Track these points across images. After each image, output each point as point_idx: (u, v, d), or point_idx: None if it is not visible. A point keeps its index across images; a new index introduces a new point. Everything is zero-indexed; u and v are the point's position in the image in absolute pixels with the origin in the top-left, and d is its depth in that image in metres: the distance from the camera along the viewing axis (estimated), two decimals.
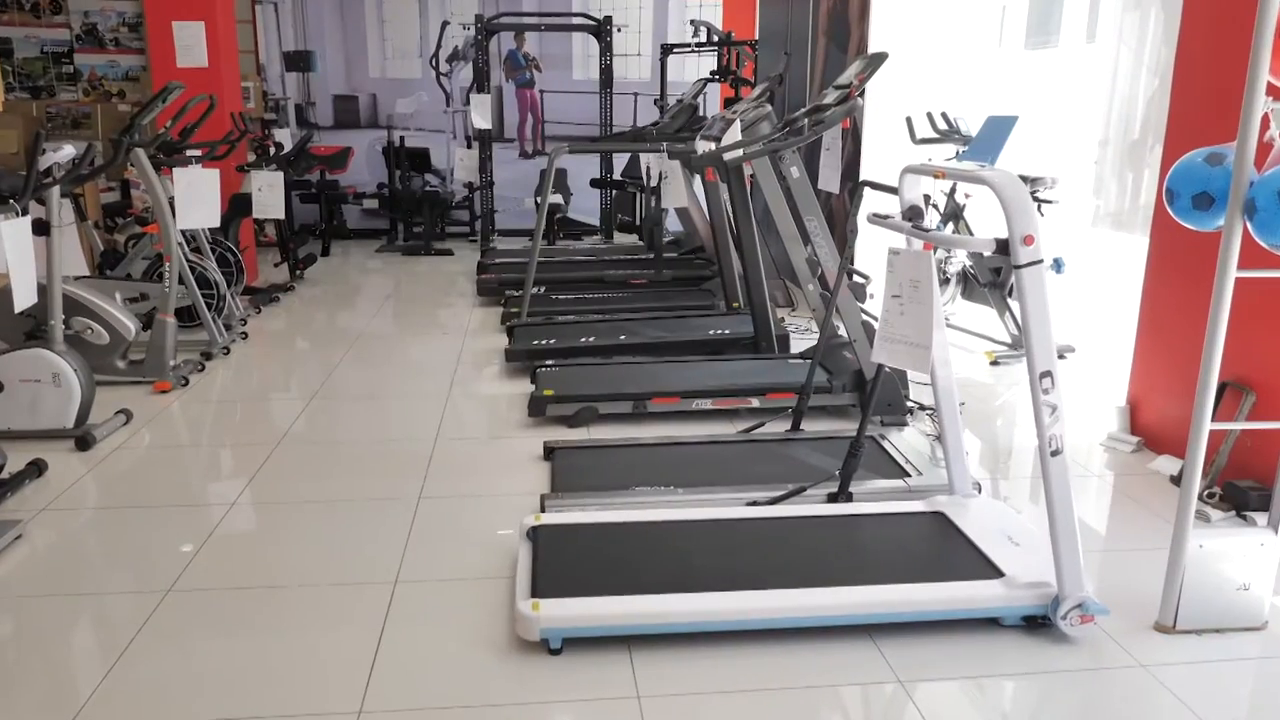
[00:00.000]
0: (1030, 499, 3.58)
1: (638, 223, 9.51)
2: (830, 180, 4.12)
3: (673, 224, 8.43)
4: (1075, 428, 4.19)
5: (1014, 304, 5.49)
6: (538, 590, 2.51)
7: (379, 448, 3.93)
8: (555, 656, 2.42)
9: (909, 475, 3.44)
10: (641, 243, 9.31)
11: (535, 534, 2.85)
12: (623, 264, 7.29)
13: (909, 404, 4.26)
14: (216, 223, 5.12)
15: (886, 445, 3.75)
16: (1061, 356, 5.38)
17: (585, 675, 2.36)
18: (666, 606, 2.45)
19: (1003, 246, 2.25)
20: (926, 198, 5.32)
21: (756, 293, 4.88)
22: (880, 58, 3.93)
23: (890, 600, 2.50)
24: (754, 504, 3.22)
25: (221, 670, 2.38)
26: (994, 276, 5.49)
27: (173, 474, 3.67)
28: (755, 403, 4.24)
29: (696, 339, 5.11)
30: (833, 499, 3.26)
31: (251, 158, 7.27)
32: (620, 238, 9.78)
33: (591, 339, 5.08)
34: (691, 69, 10.07)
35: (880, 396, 4.19)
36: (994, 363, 5.28)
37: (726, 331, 5.15)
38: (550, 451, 3.75)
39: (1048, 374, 2.30)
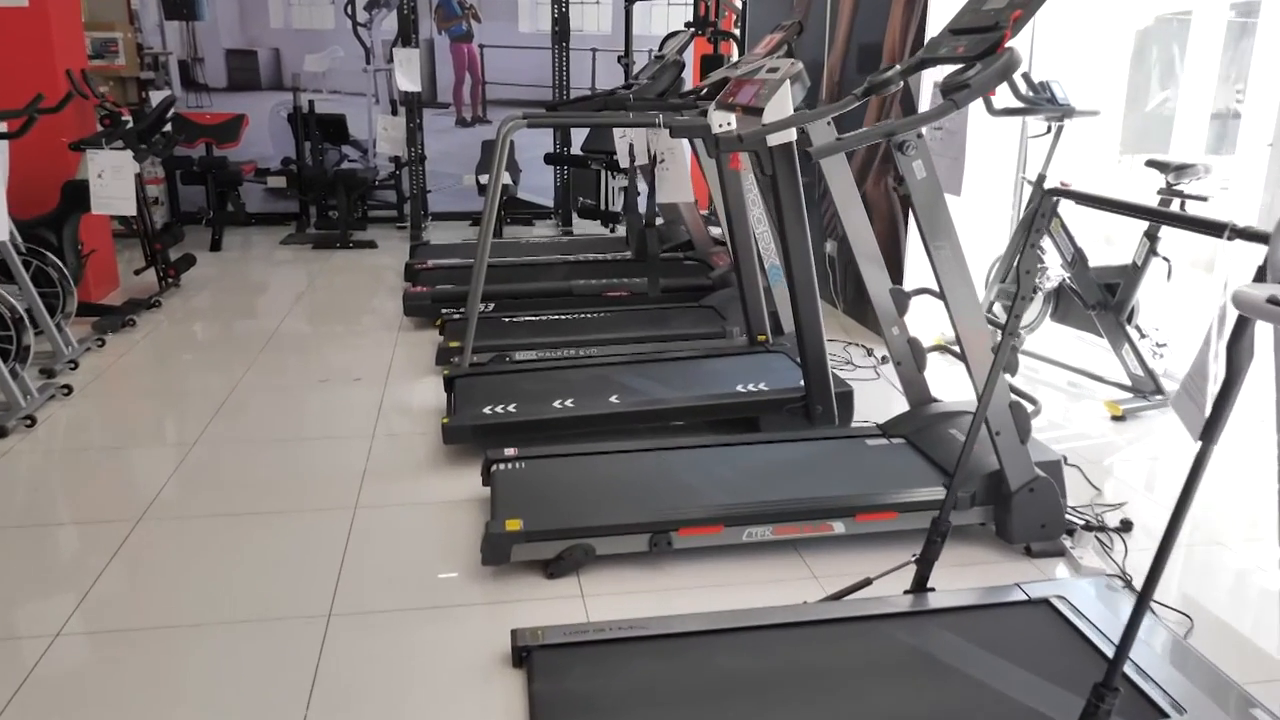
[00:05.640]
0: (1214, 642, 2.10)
1: (602, 208, 7.90)
2: (952, 178, 2.59)
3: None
4: None
5: (1134, 333, 4.05)
6: None
7: (233, 642, 2.32)
8: None
9: (1166, 715, 1.95)
10: (608, 232, 7.75)
11: None
12: (595, 267, 5.68)
13: (1071, 521, 2.79)
14: (3, 235, 3.42)
15: (1079, 622, 2.26)
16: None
17: None
18: None
19: None
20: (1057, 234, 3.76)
21: (811, 337, 3.32)
22: None
23: None
24: None
25: None
26: (1106, 296, 4.04)
27: None
28: (839, 528, 2.72)
29: (723, 401, 3.53)
30: None
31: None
32: (581, 224, 8.17)
33: (569, 403, 3.49)
34: (660, 20, 8.49)
35: (1029, 513, 2.72)
36: (1118, 417, 3.84)
37: (763, 386, 3.59)
38: (524, 654, 2.19)
39: None
